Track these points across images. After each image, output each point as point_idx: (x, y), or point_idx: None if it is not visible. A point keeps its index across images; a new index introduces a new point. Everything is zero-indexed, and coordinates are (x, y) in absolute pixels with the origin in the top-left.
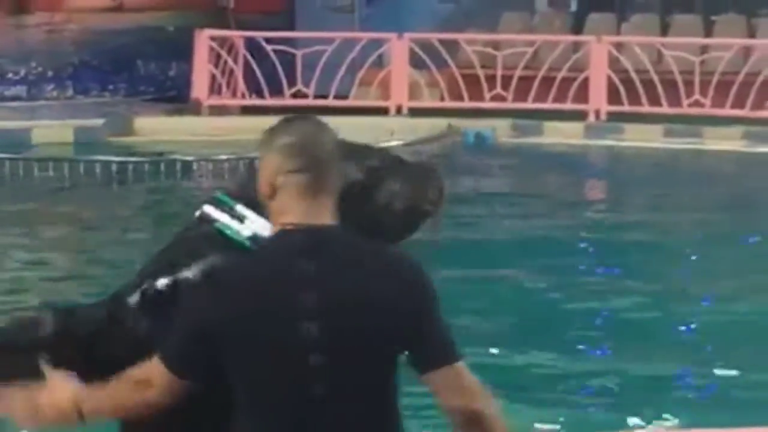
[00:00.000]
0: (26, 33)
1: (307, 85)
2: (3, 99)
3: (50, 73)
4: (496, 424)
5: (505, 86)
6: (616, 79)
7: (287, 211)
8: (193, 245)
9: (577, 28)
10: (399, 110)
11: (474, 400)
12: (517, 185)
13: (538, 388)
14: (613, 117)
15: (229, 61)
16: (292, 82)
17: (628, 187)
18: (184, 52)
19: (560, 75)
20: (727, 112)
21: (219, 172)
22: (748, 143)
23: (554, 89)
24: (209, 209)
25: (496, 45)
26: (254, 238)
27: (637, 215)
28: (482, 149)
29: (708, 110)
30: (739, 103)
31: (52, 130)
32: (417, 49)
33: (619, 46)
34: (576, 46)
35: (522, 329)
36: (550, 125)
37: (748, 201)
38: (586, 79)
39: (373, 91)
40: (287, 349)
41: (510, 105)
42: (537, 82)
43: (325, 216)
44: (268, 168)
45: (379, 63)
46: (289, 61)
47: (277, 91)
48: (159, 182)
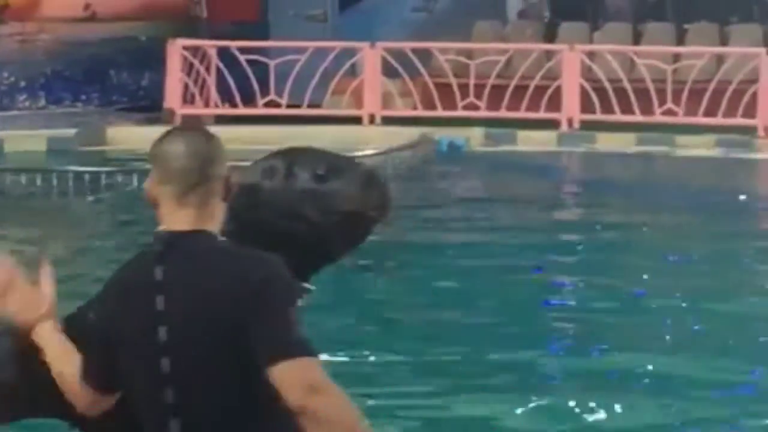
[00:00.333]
0: None
1: (280, 94)
2: None
3: (23, 83)
4: (331, 425)
5: (478, 95)
6: (589, 88)
7: (163, 220)
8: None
9: (550, 37)
10: (372, 119)
11: (308, 398)
12: (490, 193)
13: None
14: (586, 125)
15: (202, 71)
16: (265, 92)
17: (601, 195)
18: (157, 62)
19: (533, 84)
20: (700, 120)
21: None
22: (721, 151)
23: (527, 98)
24: None
25: (469, 54)
26: None
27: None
28: (455, 158)
29: (680, 118)
30: (711, 111)
31: (24, 140)
32: (390, 58)
33: (591, 55)
34: (549, 55)
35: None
36: (523, 134)
37: (720, 207)
38: (559, 88)
39: (346, 100)
40: (144, 355)
41: (483, 114)
42: (510, 91)
43: (188, 222)
44: (150, 179)
45: (352, 72)
46: (262, 71)
47: (250, 100)
48: (132, 192)
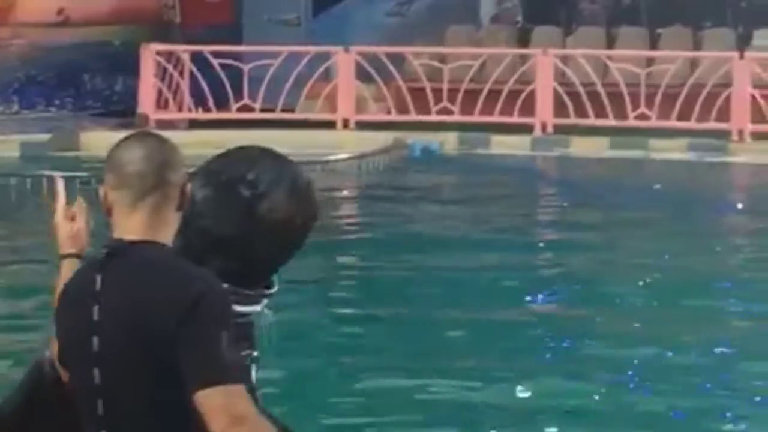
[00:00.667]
0: None
1: (253, 98)
2: None
3: None
4: None
5: (452, 99)
6: (563, 92)
7: (114, 227)
8: None
9: (523, 42)
10: (346, 123)
11: (231, 428)
12: (464, 197)
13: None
14: (560, 129)
15: (176, 76)
16: (239, 96)
17: (574, 199)
18: (131, 67)
19: (507, 88)
20: (673, 123)
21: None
22: (694, 154)
23: (501, 102)
24: None
25: (443, 58)
26: None
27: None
28: (429, 162)
29: (654, 122)
30: (685, 115)
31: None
32: (364, 63)
33: (565, 59)
34: (522, 59)
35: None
36: (496, 138)
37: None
38: (533, 92)
39: (320, 105)
40: (80, 364)
41: (456, 118)
42: (483, 95)
43: (135, 231)
44: (104, 184)
45: (326, 76)
46: (235, 75)
47: (223, 104)
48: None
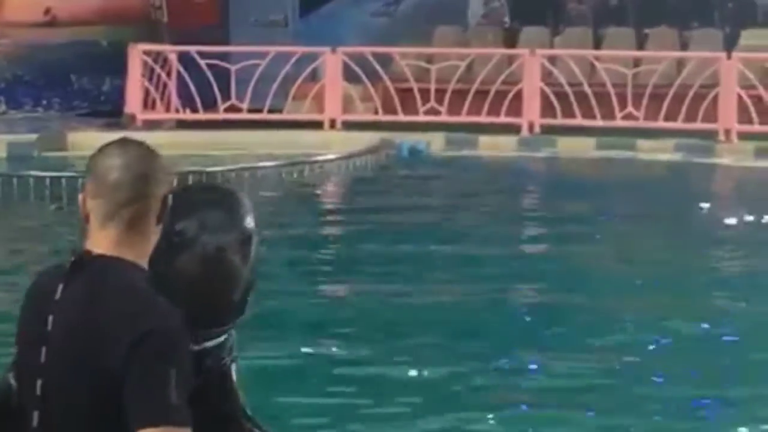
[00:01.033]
0: None
1: (241, 99)
2: None
3: None
4: None
5: (439, 100)
6: (550, 92)
7: (87, 237)
8: None
9: (511, 42)
10: (333, 124)
11: None
12: (451, 197)
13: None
14: (547, 130)
15: (163, 76)
16: (226, 96)
17: (561, 199)
18: (118, 67)
19: (494, 88)
20: (660, 124)
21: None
22: (681, 155)
23: (488, 102)
24: None
25: (430, 58)
26: None
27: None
28: (416, 163)
29: (641, 122)
30: (671, 115)
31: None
32: (351, 63)
33: (552, 60)
34: (509, 60)
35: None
36: (484, 138)
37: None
38: (520, 92)
39: (307, 105)
40: (28, 372)
41: (444, 118)
42: (471, 96)
43: (104, 245)
44: (84, 191)
45: (313, 77)
46: (223, 75)
47: (211, 105)
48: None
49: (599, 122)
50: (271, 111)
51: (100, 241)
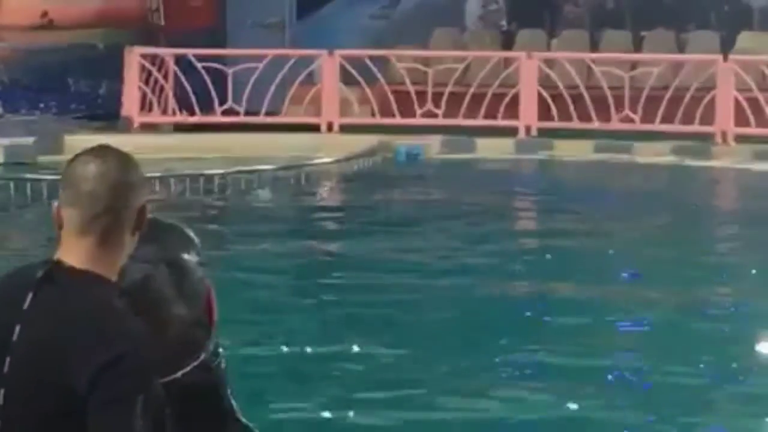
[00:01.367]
0: None
1: (238, 102)
2: None
3: None
4: None
5: (436, 102)
6: (547, 95)
7: (60, 245)
8: None
9: (508, 45)
10: (330, 127)
11: None
12: (448, 200)
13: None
14: (544, 133)
15: (160, 79)
16: (223, 99)
17: (558, 202)
18: (115, 70)
19: (491, 91)
20: (657, 127)
21: (149, 190)
22: (678, 158)
23: (485, 105)
24: None
25: (427, 61)
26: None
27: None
28: (413, 166)
29: (638, 125)
30: (668, 118)
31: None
32: (348, 66)
33: (549, 62)
34: (506, 63)
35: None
36: (481, 141)
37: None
38: (517, 95)
39: (305, 108)
40: None
41: (441, 121)
42: (468, 99)
43: (77, 256)
44: (59, 199)
45: (310, 80)
46: (220, 78)
47: (208, 108)
48: None
49: (596, 125)
50: (268, 114)
51: (73, 252)
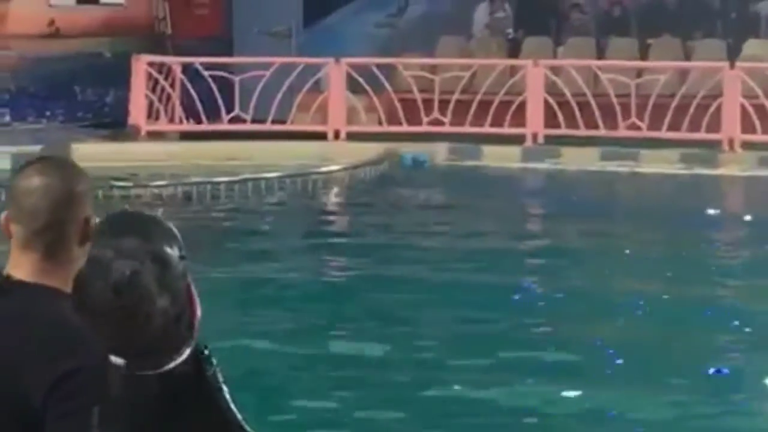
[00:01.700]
0: None
1: (245, 110)
2: None
3: None
4: None
5: (443, 110)
6: (553, 103)
7: (10, 259)
8: None
9: (514, 52)
10: (337, 135)
11: None
12: (454, 208)
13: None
14: (551, 140)
15: (167, 87)
16: (230, 108)
17: (565, 210)
18: (122, 78)
19: (497, 99)
20: (664, 134)
21: (157, 198)
22: (685, 165)
23: (491, 113)
24: None
25: (434, 69)
26: None
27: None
28: (420, 173)
29: (644, 133)
30: (675, 126)
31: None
32: (354, 74)
33: (555, 70)
34: (513, 70)
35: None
36: (487, 149)
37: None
38: (524, 103)
39: (311, 116)
40: None
41: (448, 129)
42: (474, 106)
43: (25, 270)
44: (7, 210)
45: (317, 88)
46: (227, 87)
47: (215, 116)
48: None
49: (603, 132)
50: (275, 122)
51: (21, 267)
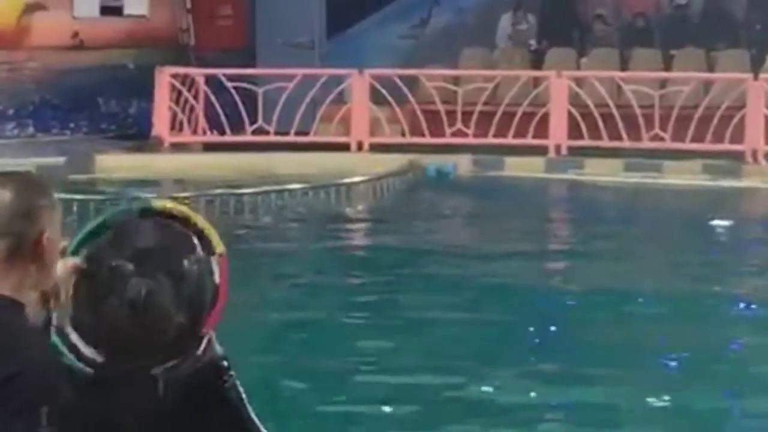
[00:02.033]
0: None
1: (268, 121)
2: None
3: (11, 112)
4: None
5: (466, 122)
6: (577, 114)
7: None
8: None
9: (537, 64)
10: (360, 146)
11: None
12: (478, 219)
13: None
14: (574, 151)
15: (190, 99)
16: (254, 119)
17: (588, 221)
18: (145, 90)
19: (521, 110)
20: (687, 145)
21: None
22: (708, 177)
23: (515, 124)
24: None
25: (457, 80)
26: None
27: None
28: (444, 185)
29: (668, 144)
30: (698, 137)
31: (13, 169)
32: (377, 85)
33: (578, 81)
34: (536, 81)
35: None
36: (511, 160)
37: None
38: (547, 114)
39: (334, 127)
40: None
41: (471, 140)
42: (498, 117)
43: None
44: None
45: (340, 99)
46: (250, 98)
47: (238, 127)
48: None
49: (626, 144)
50: (298, 133)
51: None
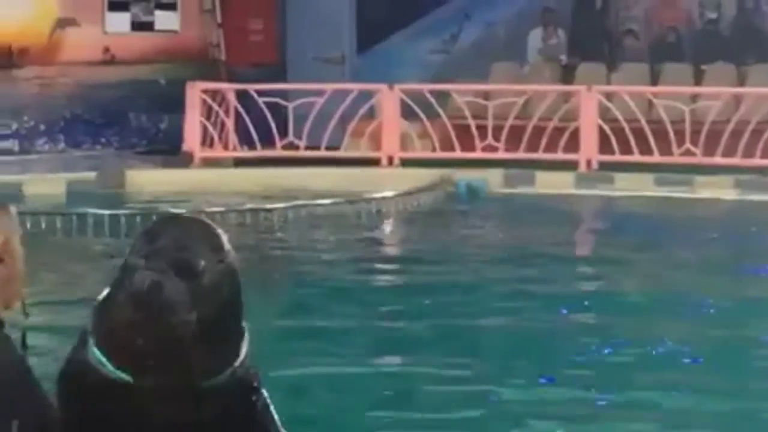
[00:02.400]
0: (18, 87)
1: (298, 136)
2: None
3: (42, 127)
4: None
5: (497, 136)
6: (607, 129)
7: None
8: None
9: (568, 78)
10: (391, 161)
11: None
12: (509, 235)
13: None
14: (605, 166)
15: (221, 114)
16: (284, 134)
17: (620, 237)
18: (176, 105)
19: (551, 125)
20: (718, 160)
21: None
22: (740, 192)
23: (545, 139)
24: None
25: (487, 95)
26: None
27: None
28: (474, 199)
29: (699, 159)
30: (730, 152)
31: (44, 184)
32: (408, 100)
33: (609, 96)
34: (566, 96)
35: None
36: (541, 175)
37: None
38: (577, 129)
39: (365, 142)
40: None
41: (501, 155)
42: (528, 132)
43: None
44: None
45: (371, 114)
46: (280, 113)
47: (268, 142)
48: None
49: (657, 158)
50: (328, 148)
51: None
